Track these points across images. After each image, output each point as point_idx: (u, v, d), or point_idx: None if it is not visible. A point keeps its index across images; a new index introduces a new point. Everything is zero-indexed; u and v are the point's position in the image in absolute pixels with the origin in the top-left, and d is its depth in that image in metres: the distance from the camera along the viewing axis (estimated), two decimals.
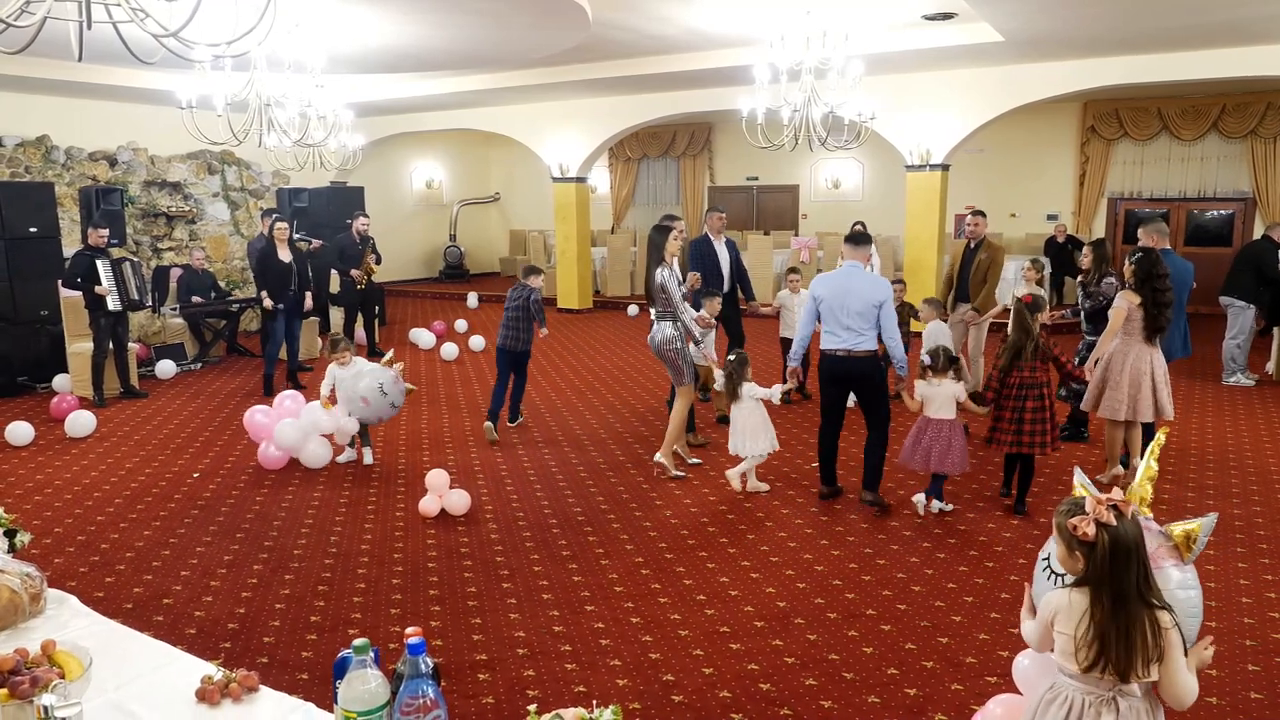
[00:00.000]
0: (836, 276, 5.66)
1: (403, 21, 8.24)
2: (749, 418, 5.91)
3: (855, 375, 5.63)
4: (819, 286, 5.68)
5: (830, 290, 5.58)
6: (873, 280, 5.63)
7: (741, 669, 3.82)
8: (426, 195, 19.65)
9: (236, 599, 4.54)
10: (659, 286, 6.16)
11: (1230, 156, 14.12)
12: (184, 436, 7.63)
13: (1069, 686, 2.18)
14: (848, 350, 5.53)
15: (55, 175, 11.87)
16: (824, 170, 17.41)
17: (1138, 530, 2.11)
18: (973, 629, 4.14)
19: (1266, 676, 3.73)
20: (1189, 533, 2.27)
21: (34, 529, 5.02)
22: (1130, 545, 2.08)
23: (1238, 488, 6.09)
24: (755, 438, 5.90)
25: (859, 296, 5.49)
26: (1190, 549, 2.27)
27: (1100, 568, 2.09)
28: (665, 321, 6.25)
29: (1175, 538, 2.28)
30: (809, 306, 5.72)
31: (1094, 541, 2.10)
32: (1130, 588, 2.07)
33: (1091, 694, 2.14)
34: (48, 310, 9.35)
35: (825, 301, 5.59)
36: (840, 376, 5.68)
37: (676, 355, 6.24)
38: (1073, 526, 2.13)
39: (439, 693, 1.64)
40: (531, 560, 4.98)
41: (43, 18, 3.10)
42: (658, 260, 6.19)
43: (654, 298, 6.26)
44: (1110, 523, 2.09)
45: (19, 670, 1.93)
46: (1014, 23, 8.48)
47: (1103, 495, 2.15)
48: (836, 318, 5.54)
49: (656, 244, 6.23)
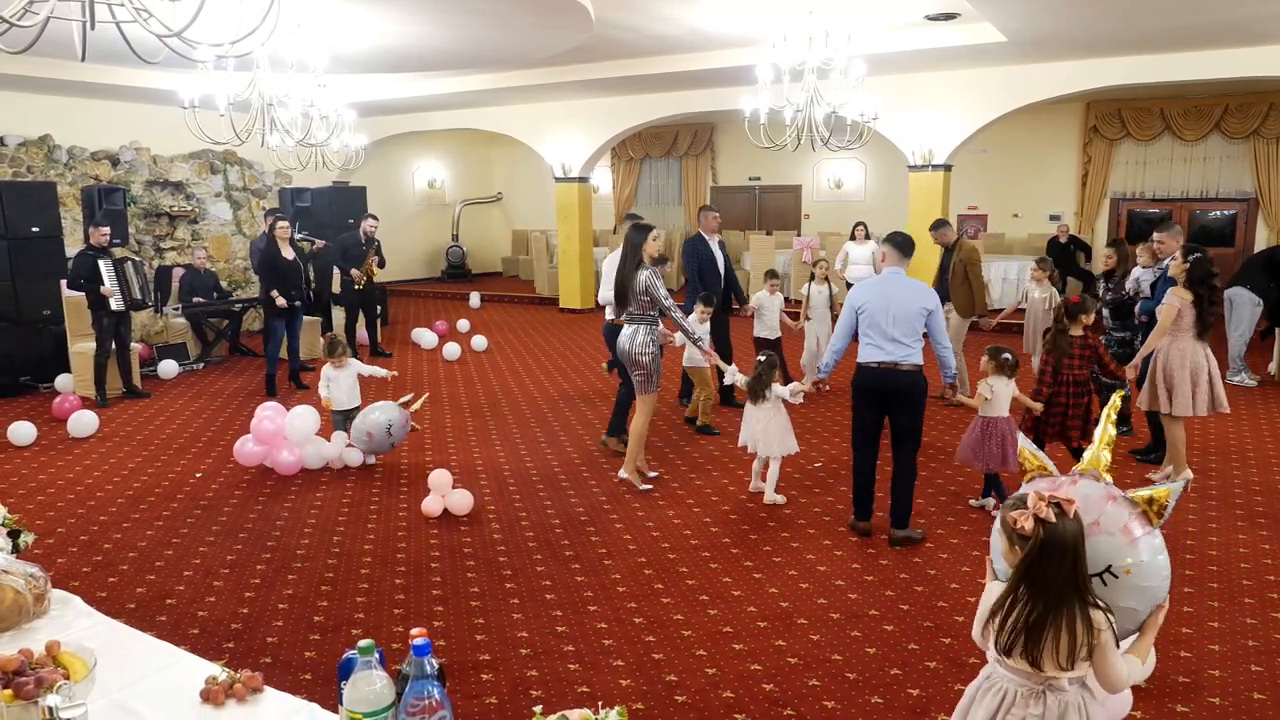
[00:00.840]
0: (878, 284, 5.21)
1: (405, 21, 8.24)
2: (773, 420, 5.81)
3: (897, 392, 5.07)
4: (859, 295, 5.19)
5: (872, 298, 5.09)
6: (918, 286, 5.17)
7: (744, 669, 3.82)
8: (429, 195, 19.66)
9: (239, 599, 4.54)
10: (642, 289, 5.90)
11: (1232, 157, 14.10)
12: (186, 437, 7.64)
13: (1002, 676, 2.23)
14: (893, 363, 5.01)
15: (57, 175, 11.88)
16: (826, 170, 17.40)
17: (1077, 529, 2.12)
18: None
19: (1270, 677, 3.73)
20: (1155, 499, 2.27)
21: (36, 529, 5.02)
22: (1065, 543, 2.10)
23: (1240, 488, 6.08)
24: (780, 438, 5.82)
25: (905, 304, 5.02)
26: (1160, 516, 2.27)
27: (1027, 558, 2.12)
28: (640, 325, 5.99)
29: (1141, 503, 2.28)
30: (847, 317, 5.23)
31: (1030, 535, 2.13)
32: (1054, 583, 2.09)
33: (1023, 686, 2.18)
34: (50, 310, 9.36)
35: (867, 310, 5.08)
36: (880, 393, 5.12)
37: (650, 361, 5.98)
38: (1013, 519, 2.16)
39: (444, 694, 1.64)
40: (534, 560, 4.98)
41: (46, 18, 3.11)
42: (636, 261, 5.95)
43: (629, 299, 5.98)
44: (1049, 519, 2.11)
45: (24, 671, 1.93)
46: (1017, 23, 8.47)
47: (1047, 492, 2.16)
48: (880, 328, 5.03)
49: (636, 244, 5.98)
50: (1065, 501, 2.12)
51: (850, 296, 5.33)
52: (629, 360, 6.06)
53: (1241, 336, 9.17)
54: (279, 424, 6.45)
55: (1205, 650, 3.93)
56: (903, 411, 5.12)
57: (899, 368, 5.03)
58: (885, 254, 5.33)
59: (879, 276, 5.47)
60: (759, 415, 5.88)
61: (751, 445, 5.94)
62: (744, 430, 6.01)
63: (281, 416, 6.50)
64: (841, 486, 6.14)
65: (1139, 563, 2.20)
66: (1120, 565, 2.20)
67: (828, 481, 6.25)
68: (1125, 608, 2.24)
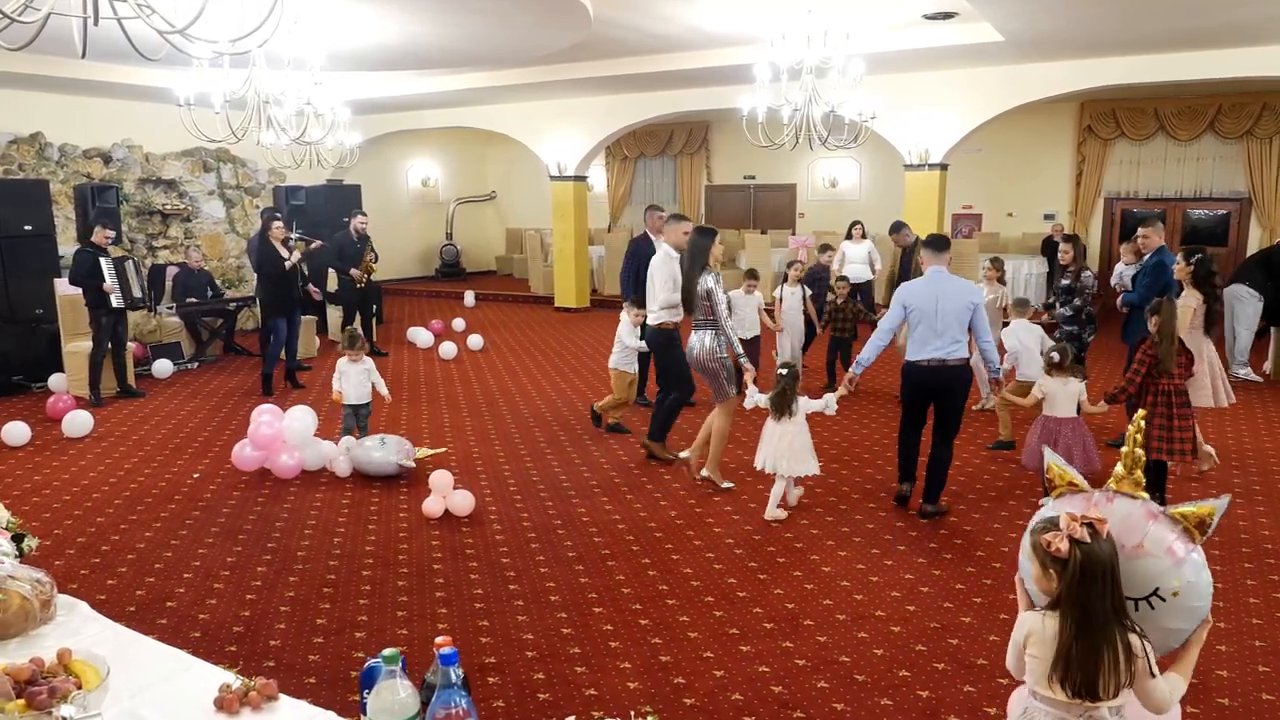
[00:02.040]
0: (926, 283, 5.35)
1: (404, 20, 8.20)
2: (798, 436, 5.46)
3: (945, 386, 5.31)
4: (908, 294, 5.35)
5: (922, 297, 5.27)
6: (962, 283, 5.37)
7: (752, 671, 3.80)
8: (423, 193, 19.58)
9: (241, 601, 4.50)
10: (704, 294, 5.77)
11: (1226, 157, 14.15)
12: (183, 436, 7.58)
13: (1040, 712, 2.16)
14: (941, 360, 5.22)
15: (49, 173, 11.79)
16: (821, 169, 17.40)
17: (1112, 550, 2.07)
18: (982, 630, 4.13)
19: (1277, 678, 3.73)
20: (1201, 517, 2.19)
21: (33, 531, 4.95)
22: (1104, 565, 2.04)
23: (1240, 487, 6.09)
24: (803, 458, 5.46)
25: (954, 301, 5.22)
26: (1203, 532, 2.20)
27: (1071, 585, 2.05)
28: (706, 331, 5.87)
29: (1188, 520, 2.19)
30: (894, 315, 5.39)
31: (1067, 558, 2.06)
32: (1101, 608, 2.03)
33: (1062, 719, 2.12)
34: (43, 309, 9.28)
35: (917, 309, 5.27)
36: (930, 388, 5.34)
37: (720, 367, 5.87)
38: (1046, 543, 2.09)
39: (470, 703, 1.61)
40: (538, 561, 4.95)
41: (48, 13, 3.06)
42: (701, 266, 5.79)
43: (694, 305, 5.85)
44: (1084, 540, 2.05)
45: (36, 680, 1.89)
46: (1015, 23, 8.47)
47: (1079, 513, 2.11)
48: (931, 325, 5.21)
49: (701, 248, 5.81)
50: (1098, 521, 2.07)
51: (898, 295, 5.44)
52: (700, 366, 5.95)
53: (1249, 331, 9.23)
54: (277, 428, 6.39)
55: (1213, 651, 3.92)
56: (947, 403, 5.39)
57: (947, 363, 5.25)
58: (925, 256, 5.45)
59: (925, 276, 5.44)
60: (781, 432, 5.47)
61: (771, 466, 5.49)
62: (762, 449, 5.55)
63: (279, 420, 6.44)
64: (844, 487, 6.14)
65: (1186, 583, 2.13)
66: (1168, 588, 2.13)
67: (829, 482, 6.24)
68: (1173, 628, 2.18)
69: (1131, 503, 2.25)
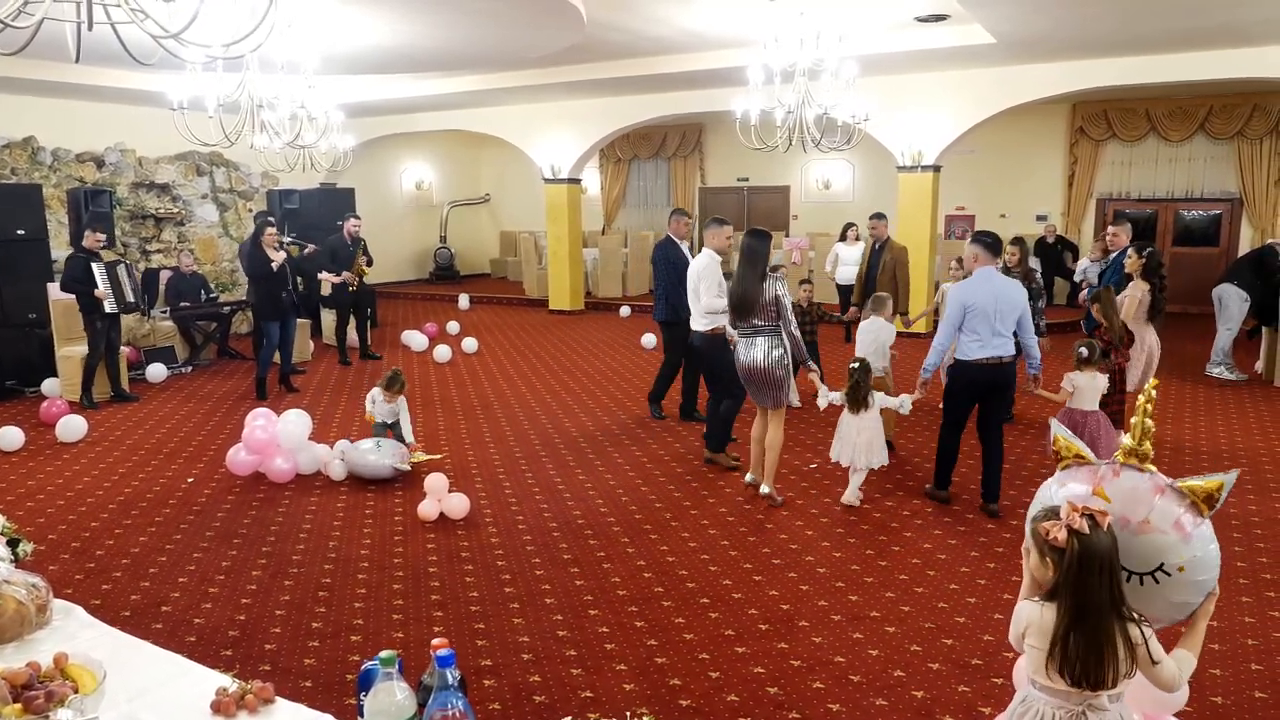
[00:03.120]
0: (982, 282, 5.40)
1: (396, 22, 8.20)
2: (874, 429, 5.61)
3: (998, 383, 5.45)
4: (968, 295, 5.39)
5: (982, 297, 5.33)
6: (1014, 283, 5.50)
7: (748, 672, 3.81)
8: (416, 196, 19.57)
9: (236, 606, 4.49)
10: (772, 300, 5.57)
11: (1217, 157, 14.22)
12: (176, 441, 7.57)
13: (1039, 700, 2.16)
14: (999, 358, 5.36)
15: (42, 177, 11.74)
16: (815, 171, 17.43)
17: (1111, 542, 2.07)
18: (977, 630, 4.14)
19: (1270, 675, 3.75)
20: (1209, 491, 2.18)
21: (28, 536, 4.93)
22: (1102, 556, 2.04)
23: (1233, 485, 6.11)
24: (877, 450, 5.63)
25: (1009, 301, 5.34)
26: (1211, 506, 2.18)
27: (1068, 575, 2.06)
28: (767, 338, 5.65)
29: (1196, 494, 2.18)
30: (954, 315, 5.42)
31: (1064, 548, 2.07)
32: (1097, 599, 2.04)
33: (1062, 708, 2.12)
34: (36, 313, 9.26)
35: (977, 309, 5.33)
36: (983, 385, 5.46)
37: (786, 374, 5.68)
38: (1044, 531, 2.10)
39: (468, 705, 1.62)
40: (533, 564, 4.96)
41: (41, 18, 3.06)
42: (761, 271, 5.61)
43: (753, 311, 5.63)
44: (1083, 530, 2.05)
45: (32, 684, 1.90)
46: (1007, 25, 8.51)
47: (1080, 503, 2.11)
48: (989, 325, 5.32)
49: (761, 253, 5.63)
50: (1099, 514, 2.07)
51: (958, 295, 5.46)
52: (762, 376, 5.69)
53: (1230, 332, 9.28)
54: (271, 432, 6.38)
55: (1205, 649, 3.91)
56: (998, 398, 5.55)
57: (1002, 361, 5.39)
58: (977, 254, 5.49)
59: (978, 276, 5.48)
60: (858, 425, 5.61)
61: (848, 459, 5.69)
62: (839, 443, 5.73)
63: (273, 424, 6.43)
64: (838, 489, 6.15)
65: (1193, 558, 2.12)
66: (1173, 563, 2.11)
67: (824, 483, 6.25)
68: (1178, 602, 2.18)
69: (1139, 475, 2.22)
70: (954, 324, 5.45)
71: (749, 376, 5.77)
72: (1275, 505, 5.76)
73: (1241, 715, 3.48)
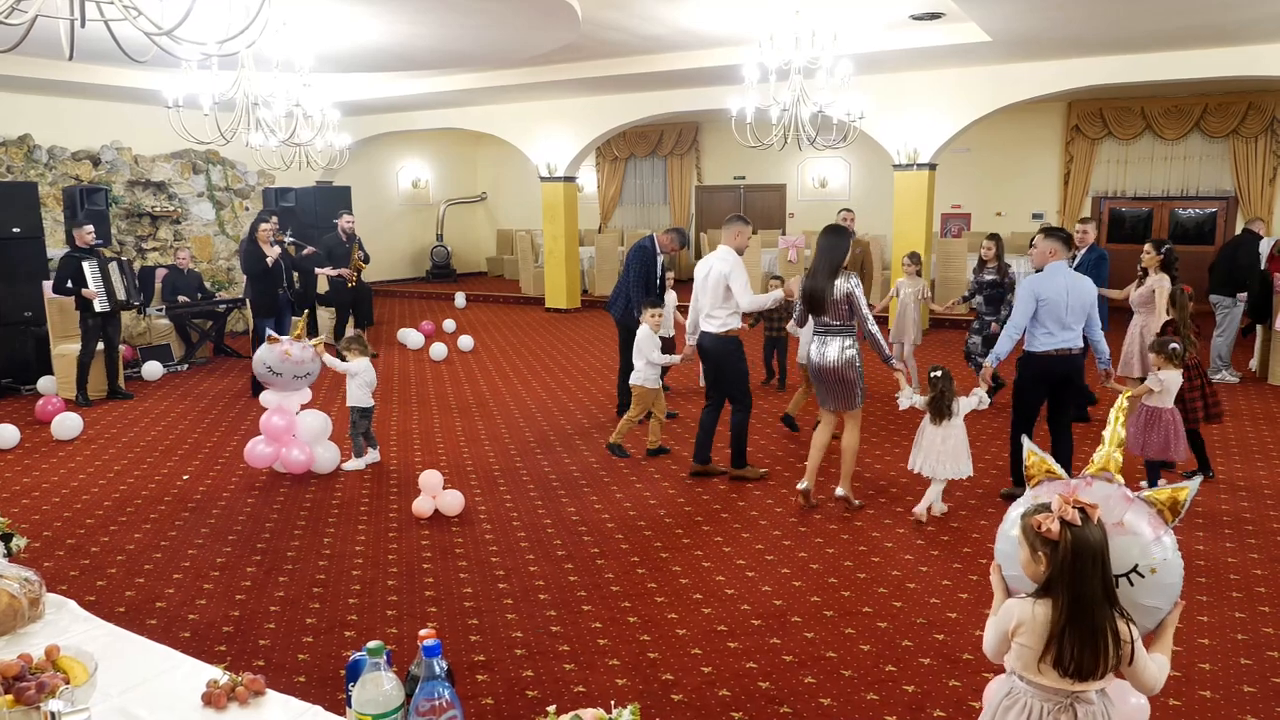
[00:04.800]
0: (1055, 275, 5.45)
1: (391, 20, 8.20)
2: (958, 438, 5.41)
3: (1069, 375, 5.55)
4: (1040, 288, 5.43)
5: (1055, 290, 5.39)
6: (1083, 277, 5.56)
7: (740, 667, 3.83)
8: (413, 195, 19.57)
9: (231, 601, 4.51)
10: (844, 297, 5.42)
11: (1212, 156, 14.25)
12: (173, 438, 7.57)
13: (1026, 692, 2.17)
14: (1068, 349, 5.46)
15: (38, 175, 11.75)
16: (811, 169, 17.46)
17: (1103, 536, 2.08)
18: (969, 625, 4.16)
19: (1258, 670, 3.77)
20: (1174, 499, 2.22)
21: (23, 532, 4.96)
22: (1094, 548, 2.05)
23: (1224, 484, 6.14)
24: (960, 460, 5.42)
25: (1080, 294, 5.42)
26: (1175, 515, 2.23)
27: (1062, 569, 2.06)
28: (840, 337, 5.49)
29: (1161, 503, 2.22)
30: (1027, 308, 5.44)
31: (1057, 540, 2.07)
32: (1091, 592, 2.04)
33: (1049, 700, 2.13)
34: (32, 312, 9.26)
35: (1050, 302, 5.39)
36: (1053, 377, 5.54)
37: (858, 376, 5.51)
38: (1037, 523, 2.10)
39: (454, 694, 1.63)
40: (527, 560, 4.97)
41: (34, 15, 3.07)
42: (835, 267, 5.46)
43: (824, 309, 5.48)
44: (1075, 523, 2.06)
45: (24, 676, 1.91)
46: (1001, 23, 8.53)
47: (1070, 495, 2.12)
48: (1060, 318, 5.40)
49: (840, 249, 5.50)
50: (1089, 507, 2.08)
51: (1031, 288, 5.48)
52: (834, 376, 5.50)
53: (1223, 338, 9.29)
54: (289, 419, 6.42)
55: (1195, 644, 3.97)
56: (1068, 390, 5.63)
57: (1071, 353, 5.50)
58: (1053, 249, 5.52)
59: (1050, 270, 5.52)
60: (942, 434, 5.40)
61: (930, 470, 5.43)
62: (920, 452, 5.48)
63: (291, 415, 6.46)
64: (832, 485, 6.16)
65: (1164, 560, 2.16)
66: (1146, 564, 2.15)
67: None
68: (1149, 606, 2.20)
69: (1109, 486, 2.28)
70: (1026, 316, 5.49)
71: (820, 377, 5.58)
72: (1267, 503, 5.79)
73: (1230, 710, 3.50)
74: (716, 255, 6.10)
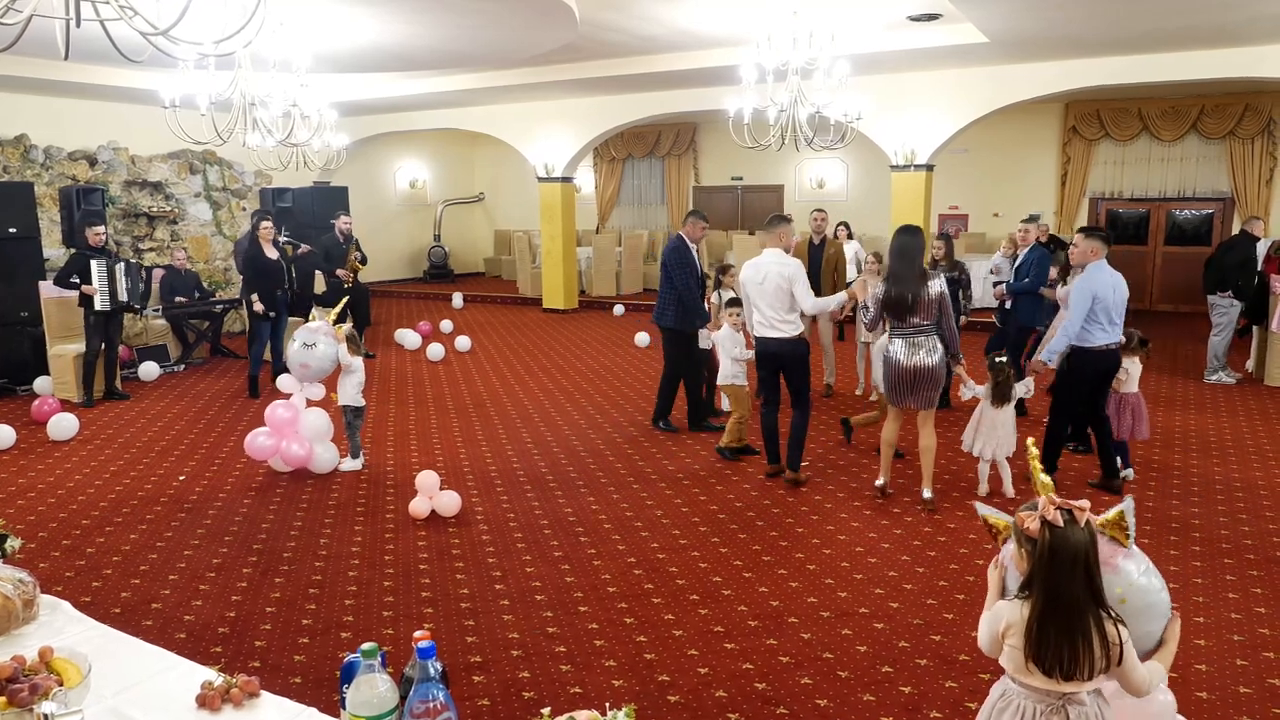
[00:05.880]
0: (1103, 274, 5.65)
1: (389, 20, 8.20)
2: (1010, 422, 5.82)
3: (1114, 369, 5.85)
4: (1097, 286, 5.59)
5: (1105, 288, 5.59)
6: (1118, 274, 5.72)
7: (736, 668, 3.82)
8: (410, 195, 19.56)
9: (226, 602, 4.50)
10: (937, 297, 5.38)
11: (1209, 157, 14.26)
12: (169, 439, 7.56)
13: (1018, 694, 2.18)
14: (1119, 344, 5.76)
15: (34, 175, 11.73)
16: (809, 170, 17.46)
17: (1087, 538, 2.08)
18: (965, 626, 4.16)
19: (1254, 671, 3.77)
20: (1114, 521, 2.22)
21: (18, 533, 4.94)
22: (1074, 549, 2.06)
23: (1221, 485, 6.15)
24: (1011, 438, 5.80)
25: (1123, 290, 5.68)
26: (1125, 534, 2.22)
27: (1039, 566, 2.09)
28: (933, 337, 5.46)
29: (1106, 529, 2.22)
30: (1084, 308, 5.58)
31: (1036, 538, 2.10)
32: (1069, 592, 2.05)
33: (1042, 701, 2.14)
34: (28, 312, 9.24)
35: (1103, 300, 5.59)
36: (1104, 372, 5.82)
37: (944, 375, 5.55)
38: (1020, 520, 2.15)
39: (449, 696, 1.63)
40: (524, 561, 4.97)
41: (29, 15, 3.06)
42: (920, 269, 5.41)
43: (915, 310, 5.40)
44: (1057, 523, 2.08)
45: (17, 678, 1.90)
46: (999, 24, 8.53)
47: (1059, 499, 2.13)
48: (1110, 315, 5.63)
49: (918, 250, 5.44)
50: (1077, 509, 2.09)
51: (1088, 287, 5.62)
52: (928, 377, 5.44)
53: (1220, 338, 9.29)
54: (295, 413, 6.45)
55: (1191, 645, 3.97)
56: (1108, 384, 5.93)
57: (1118, 347, 5.78)
58: (1094, 248, 5.71)
59: (1095, 268, 5.69)
60: (1002, 418, 5.77)
61: (989, 451, 5.81)
62: (982, 435, 5.82)
63: (297, 410, 6.48)
64: (829, 485, 6.17)
65: (1131, 586, 2.15)
66: (1113, 596, 2.15)
67: (814, 480, 6.27)
68: (1140, 632, 2.18)
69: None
70: (1084, 314, 5.63)
71: (912, 378, 5.47)
72: (1263, 504, 5.79)
73: (1226, 710, 3.50)
74: (770, 260, 5.93)
